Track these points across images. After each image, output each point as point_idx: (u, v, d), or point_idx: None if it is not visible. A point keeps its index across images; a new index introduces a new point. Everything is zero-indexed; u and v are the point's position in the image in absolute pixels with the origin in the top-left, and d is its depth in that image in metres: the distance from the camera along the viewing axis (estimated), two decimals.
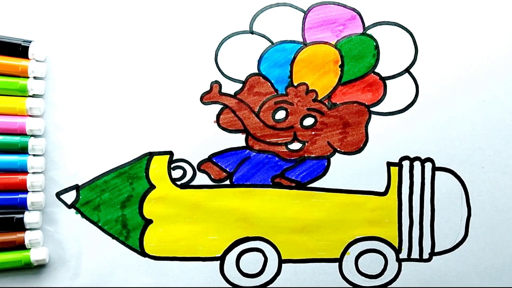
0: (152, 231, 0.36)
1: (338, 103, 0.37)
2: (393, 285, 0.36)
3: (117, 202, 0.36)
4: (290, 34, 0.36)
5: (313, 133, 0.36)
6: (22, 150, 0.35)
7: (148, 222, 0.36)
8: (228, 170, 0.36)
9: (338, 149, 0.37)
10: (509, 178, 0.37)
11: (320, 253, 0.36)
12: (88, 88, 0.36)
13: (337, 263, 0.36)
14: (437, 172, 0.37)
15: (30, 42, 0.35)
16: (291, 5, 0.37)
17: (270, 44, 0.36)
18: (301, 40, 0.36)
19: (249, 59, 0.36)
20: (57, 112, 0.36)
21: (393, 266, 0.37)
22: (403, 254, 0.37)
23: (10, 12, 0.36)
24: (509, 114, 0.37)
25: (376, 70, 0.37)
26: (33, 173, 0.35)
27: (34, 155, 0.35)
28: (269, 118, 0.36)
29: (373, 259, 0.37)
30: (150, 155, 0.36)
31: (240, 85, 0.36)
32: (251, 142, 0.36)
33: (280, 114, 0.36)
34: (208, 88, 0.36)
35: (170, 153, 0.36)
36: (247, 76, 0.36)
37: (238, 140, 0.36)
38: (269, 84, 0.36)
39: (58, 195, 0.36)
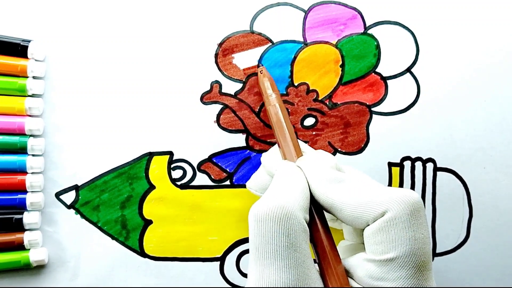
0: (151, 231, 0.36)
1: (339, 103, 0.36)
2: None
3: (116, 203, 0.36)
4: (290, 33, 0.36)
5: (314, 133, 0.36)
6: (21, 150, 0.35)
7: (148, 222, 0.36)
8: (228, 170, 0.36)
9: (339, 149, 0.36)
10: (511, 179, 0.36)
11: None
12: (87, 88, 0.36)
13: None
14: (438, 173, 0.36)
15: (29, 41, 0.35)
16: (291, 5, 0.36)
17: (270, 44, 0.36)
18: (302, 39, 0.36)
19: (249, 59, 0.36)
20: (57, 112, 0.36)
21: None
22: None
23: (9, 11, 0.36)
24: (511, 114, 0.36)
25: (377, 70, 0.36)
26: (32, 173, 0.35)
27: (33, 155, 0.35)
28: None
29: None
30: (150, 155, 0.36)
31: (240, 85, 0.36)
32: (251, 142, 0.36)
33: None
34: (208, 88, 0.36)
35: (170, 153, 0.36)
36: (247, 76, 0.36)
37: (239, 140, 0.36)
38: None
39: (57, 195, 0.36)
